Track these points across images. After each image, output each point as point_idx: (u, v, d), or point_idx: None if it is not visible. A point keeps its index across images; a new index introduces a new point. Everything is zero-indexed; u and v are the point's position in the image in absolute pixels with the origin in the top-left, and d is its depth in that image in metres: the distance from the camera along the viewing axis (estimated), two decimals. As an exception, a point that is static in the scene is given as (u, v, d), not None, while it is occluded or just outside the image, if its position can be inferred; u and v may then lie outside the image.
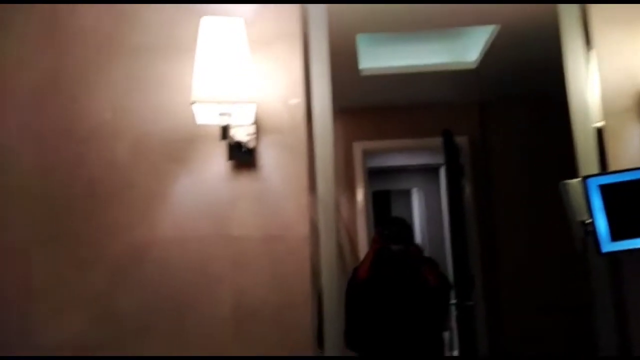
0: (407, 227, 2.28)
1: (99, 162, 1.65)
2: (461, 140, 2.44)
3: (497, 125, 2.46)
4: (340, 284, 1.82)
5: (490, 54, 2.26)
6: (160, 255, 1.60)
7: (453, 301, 2.24)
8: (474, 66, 2.35)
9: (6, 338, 1.64)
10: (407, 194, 2.97)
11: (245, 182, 1.63)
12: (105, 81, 1.69)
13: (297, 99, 1.67)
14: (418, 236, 2.72)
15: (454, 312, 2.27)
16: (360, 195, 2.41)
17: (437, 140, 2.41)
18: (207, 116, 1.56)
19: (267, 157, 1.65)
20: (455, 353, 2.36)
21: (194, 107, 1.54)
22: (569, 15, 1.69)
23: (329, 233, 1.64)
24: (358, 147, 2.42)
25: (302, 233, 1.62)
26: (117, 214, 1.63)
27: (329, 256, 1.63)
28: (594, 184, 1.43)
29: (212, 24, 1.54)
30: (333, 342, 1.59)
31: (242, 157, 1.63)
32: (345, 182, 2.42)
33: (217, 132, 1.61)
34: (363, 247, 2.33)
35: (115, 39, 1.71)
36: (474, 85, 2.48)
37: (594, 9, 1.65)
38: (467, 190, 2.41)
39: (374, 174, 2.56)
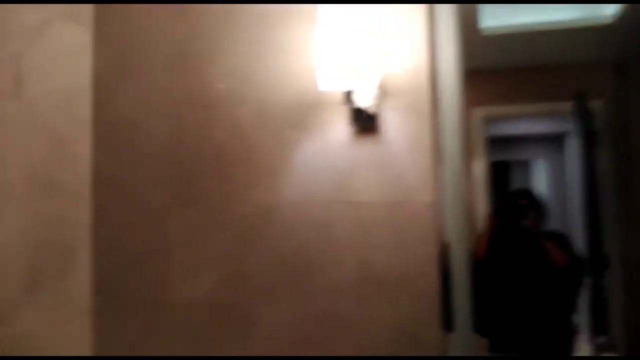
0: (535, 200, 2.11)
1: (225, 129, 1.71)
2: (595, 104, 2.20)
3: (637, 87, 2.18)
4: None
5: (631, 7, 2.00)
6: (286, 218, 1.62)
7: (585, 281, 2.06)
8: (611, 21, 2.10)
9: (144, 294, 1.78)
10: (526, 165, 2.76)
11: (367, 148, 1.60)
12: (229, 49, 1.73)
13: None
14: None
15: (585, 293, 2.09)
16: (479, 165, 2.27)
17: (567, 105, 2.19)
18: (329, 82, 1.54)
19: (390, 122, 1.60)
20: (585, 338, 2.18)
21: (317, 73, 1.52)
22: None
23: (457, 201, 1.55)
24: (477, 114, 2.27)
25: (425, 200, 1.56)
26: (243, 178, 1.67)
27: (457, 227, 1.55)
28: None
29: (335, -15, 1.49)
30: (463, 324, 1.52)
31: (364, 122, 1.59)
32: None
33: (340, 98, 1.58)
34: (481, 222, 2.21)
35: (238, 7, 1.73)
36: (611, 43, 2.22)
37: None
38: (602, 160, 2.18)
39: (491, 143, 2.40)
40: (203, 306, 1.71)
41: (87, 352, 1.83)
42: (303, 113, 1.64)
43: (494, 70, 2.28)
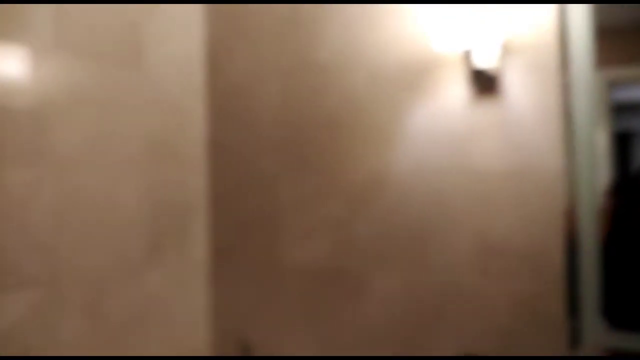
0: None
1: (337, 94, 1.69)
2: None
3: None
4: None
5: None
6: (398, 186, 1.58)
7: None
8: None
9: (258, 256, 1.83)
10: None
11: (487, 111, 1.50)
12: (340, 13, 1.69)
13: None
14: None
15: None
16: (601, 135, 2.07)
17: None
18: (446, 42, 1.46)
19: (513, 83, 1.48)
20: None
21: (433, 33, 1.44)
22: None
23: (587, 171, 1.42)
24: (601, 77, 2.06)
25: (552, 168, 1.44)
26: (355, 144, 1.65)
27: (586, 199, 1.42)
28: None
29: None
30: (590, 303, 1.40)
31: (485, 83, 1.49)
32: (583, 119, 2.10)
33: (457, 59, 1.49)
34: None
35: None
36: None
37: None
38: None
39: (615, 111, 2.17)
40: (315, 270, 1.73)
41: (205, 311, 1.93)
42: (417, 76, 1.58)
43: (621, 28, 2.05)
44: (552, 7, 1.47)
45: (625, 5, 2.07)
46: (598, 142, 2.13)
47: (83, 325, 1.52)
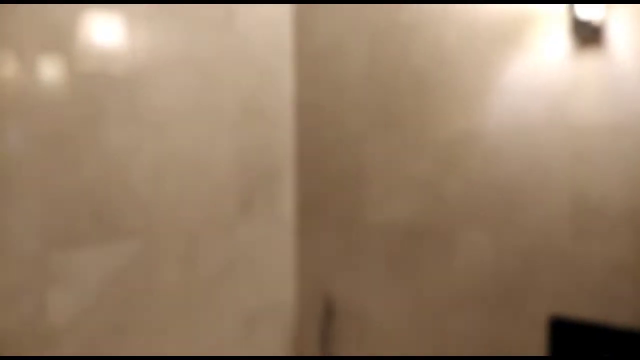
0: None
1: (425, 49, 1.65)
2: None
3: None
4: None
5: None
6: (491, 144, 1.54)
7: None
8: None
9: (344, 214, 1.87)
10: None
11: (590, 64, 1.41)
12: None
13: None
14: None
15: None
16: None
17: None
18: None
19: (619, 34, 1.39)
20: None
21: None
22: None
23: None
24: None
25: (660, 124, 1.34)
26: (445, 102, 1.62)
27: None
28: None
29: None
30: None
31: (587, 35, 1.41)
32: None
33: (557, 9, 1.41)
34: None
35: None
36: None
37: None
38: None
39: None
40: (400, 227, 1.74)
41: (291, 267, 2.01)
42: (512, 28, 1.51)
43: None
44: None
45: None
46: None
47: (178, 275, 1.62)
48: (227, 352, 1.77)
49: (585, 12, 1.38)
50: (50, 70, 1.32)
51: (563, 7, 1.42)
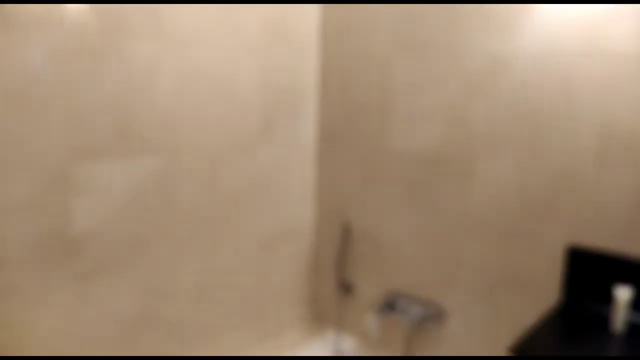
0: None
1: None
2: None
3: None
4: None
5: None
6: (521, 70, 1.49)
7: None
8: None
9: (366, 141, 1.85)
10: None
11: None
12: None
13: None
14: None
15: None
16: None
17: None
18: None
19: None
20: None
21: None
22: None
23: None
24: None
25: None
26: (475, 26, 1.55)
27: None
28: None
29: None
30: None
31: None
32: None
33: None
34: None
35: None
36: None
37: None
38: None
39: None
40: (422, 157, 1.73)
41: (310, 190, 2.03)
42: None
43: None
44: None
45: None
46: None
47: (199, 192, 1.65)
48: (246, 269, 1.83)
49: None
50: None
51: None
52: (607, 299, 1.38)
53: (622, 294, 1.29)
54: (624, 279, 1.36)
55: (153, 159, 1.51)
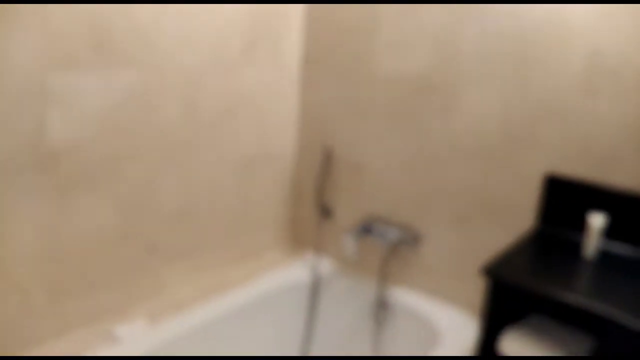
0: None
1: None
2: None
3: None
4: None
5: None
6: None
7: None
8: None
9: (350, 65, 1.80)
10: None
11: None
12: None
13: None
14: None
15: None
16: None
17: None
18: None
19: None
20: None
21: None
22: None
23: None
24: None
25: None
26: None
27: None
28: None
29: None
30: None
31: None
32: None
33: None
34: None
35: None
36: None
37: None
38: None
39: None
40: (407, 82, 1.70)
41: (293, 114, 1.99)
42: None
43: None
44: None
45: None
46: None
47: (179, 112, 1.59)
48: (226, 189, 1.82)
49: None
50: None
51: None
52: (582, 227, 1.42)
53: (596, 220, 1.32)
54: (600, 208, 1.39)
55: (131, 74, 1.44)
